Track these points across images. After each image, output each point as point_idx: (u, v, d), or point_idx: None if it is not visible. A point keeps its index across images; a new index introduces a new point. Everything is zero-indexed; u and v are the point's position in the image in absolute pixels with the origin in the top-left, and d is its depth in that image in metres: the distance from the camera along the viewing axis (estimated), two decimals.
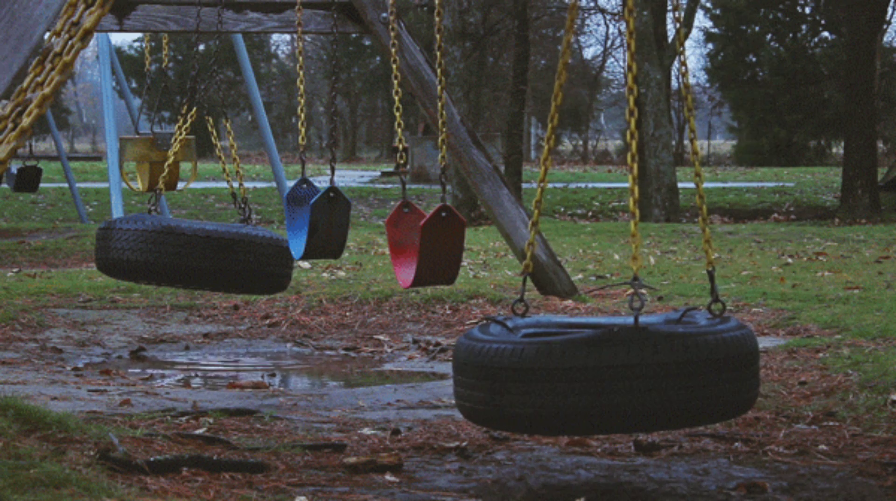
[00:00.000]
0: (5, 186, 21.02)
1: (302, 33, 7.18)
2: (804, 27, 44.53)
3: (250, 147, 53.05)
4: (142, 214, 6.35)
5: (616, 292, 9.17)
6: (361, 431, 5.19)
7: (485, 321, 4.33)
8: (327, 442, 4.85)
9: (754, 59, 45.37)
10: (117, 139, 11.04)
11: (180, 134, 7.32)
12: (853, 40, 22.86)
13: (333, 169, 6.63)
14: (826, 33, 44.70)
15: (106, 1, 4.02)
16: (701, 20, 46.98)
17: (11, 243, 14.71)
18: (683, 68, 4.43)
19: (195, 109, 7.35)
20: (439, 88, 6.47)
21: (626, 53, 4.16)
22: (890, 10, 36.79)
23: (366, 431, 5.18)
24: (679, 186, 22.34)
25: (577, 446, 4.86)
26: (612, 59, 50.07)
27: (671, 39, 24.08)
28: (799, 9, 44.95)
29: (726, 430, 5.07)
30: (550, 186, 29.82)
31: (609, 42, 48.21)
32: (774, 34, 44.78)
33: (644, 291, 4.01)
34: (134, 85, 41.49)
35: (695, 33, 46.06)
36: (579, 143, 53.15)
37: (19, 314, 8.36)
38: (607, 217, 23.17)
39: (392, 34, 6.89)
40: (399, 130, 6.84)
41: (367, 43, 47.05)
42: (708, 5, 45.20)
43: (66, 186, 22.26)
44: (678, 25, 4.62)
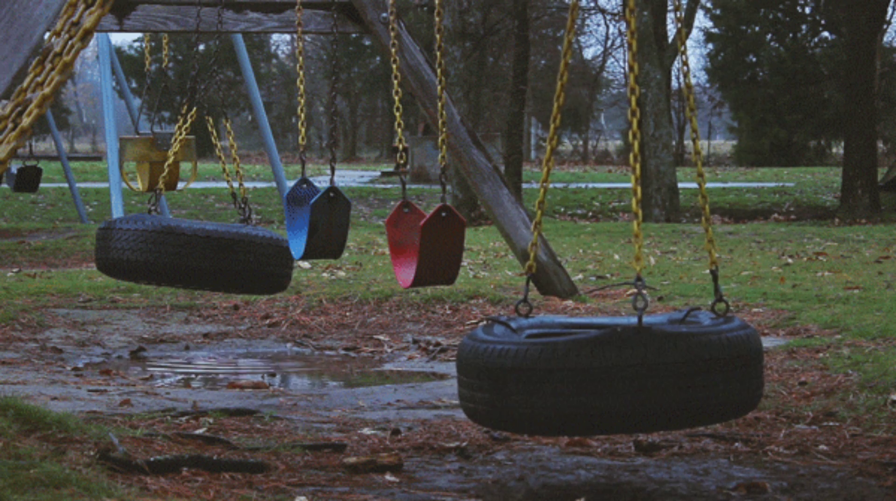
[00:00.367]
0: (5, 186, 21.02)
1: (302, 33, 7.18)
2: (804, 27, 44.53)
3: (250, 147, 53.06)
4: (142, 214, 6.35)
5: (616, 293, 9.18)
6: (361, 431, 5.19)
7: (488, 322, 4.32)
8: (327, 442, 4.85)
9: (754, 60, 45.37)
10: (117, 139, 11.04)
11: (180, 134, 7.32)
12: (853, 40, 22.87)
13: (333, 169, 6.63)
14: (826, 33, 44.71)
15: (106, 1, 4.02)
16: (701, 20, 47.03)
17: (11, 243, 14.71)
18: (685, 68, 4.43)
19: (195, 109, 7.35)
20: (439, 88, 6.47)
21: (628, 54, 4.15)
22: (890, 10, 36.80)
23: (366, 431, 5.18)
24: (679, 186, 22.34)
25: (577, 446, 4.86)
26: (612, 60, 50.11)
27: (671, 39, 24.07)
28: (799, 9, 44.94)
29: (726, 430, 5.07)
30: (550, 186, 29.77)
31: (609, 42, 48.24)
32: (774, 34, 44.78)
33: (646, 291, 4.00)
34: (134, 85, 41.49)
35: (695, 33, 46.06)
36: (579, 143, 53.14)
37: (19, 313, 8.36)
38: (607, 217, 23.17)
39: (392, 34, 6.89)
40: (399, 130, 6.84)
41: (367, 43, 47.05)
42: (708, 5, 45.20)
43: (66, 186, 22.26)
44: (679, 25, 4.62)
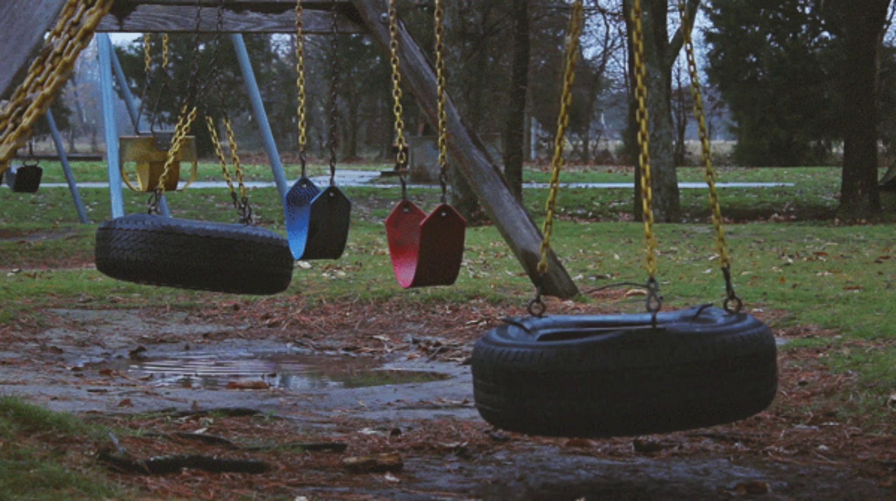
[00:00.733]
0: (5, 186, 21.02)
1: (302, 33, 7.18)
2: (804, 27, 44.53)
3: (250, 147, 53.05)
4: (142, 214, 6.35)
5: (616, 293, 9.17)
6: (361, 431, 5.19)
7: (503, 323, 4.33)
8: (327, 442, 4.85)
9: (754, 60, 45.37)
10: (117, 139, 11.04)
11: (180, 134, 7.31)
12: (853, 40, 22.86)
13: (333, 169, 6.63)
14: (826, 33, 44.70)
15: (106, 1, 4.02)
16: (701, 20, 47.04)
17: (11, 243, 14.71)
18: (692, 67, 4.43)
19: (195, 109, 7.35)
20: (439, 88, 6.47)
21: (635, 55, 4.15)
22: (890, 10, 36.78)
23: (366, 431, 5.18)
24: (679, 186, 22.34)
25: (577, 446, 4.86)
26: (613, 60, 50.11)
27: (671, 39, 24.07)
28: (799, 9, 44.94)
29: (726, 430, 5.07)
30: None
31: (609, 42, 48.25)
32: (774, 34, 44.77)
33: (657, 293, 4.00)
34: (134, 85, 41.48)
35: (695, 33, 46.03)
36: (579, 143, 53.14)
37: (19, 313, 8.35)
38: (607, 217, 23.17)
39: (392, 34, 6.89)
40: (399, 130, 6.83)
41: (367, 43, 47.04)
42: (708, 5, 45.20)
43: (66, 186, 22.26)
44: (684, 25, 4.62)
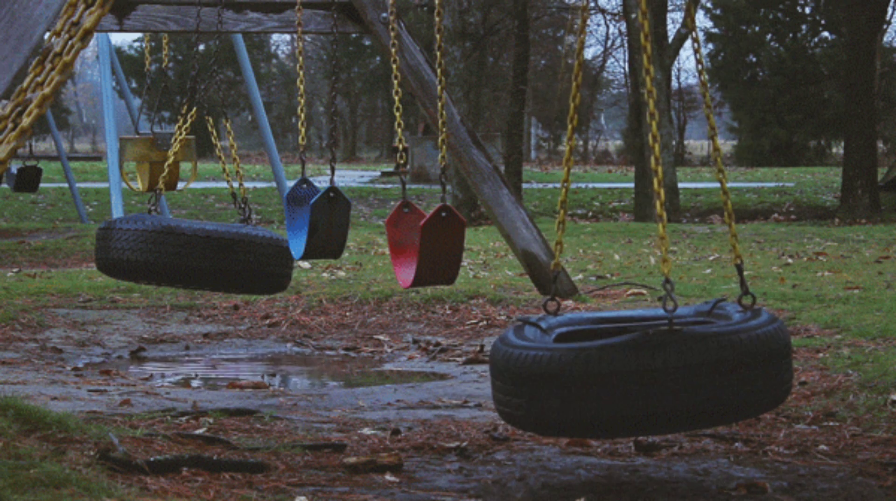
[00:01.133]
0: (5, 186, 21.03)
1: (302, 33, 7.18)
2: (804, 27, 44.54)
3: (250, 147, 53.05)
4: (142, 214, 6.34)
5: (616, 293, 9.17)
6: (361, 431, 5.18)
7: (518, 323, 4.34)
8: (327, 442, 4.85)
9: (754, 60, 45.39)
10: (117, 139, 11.04)
11: (180, 134, 7.32)
12: (853, 40, 22.87)
13: (333, 169, 6.63)
14: (826, 33, 44.72)
15: (106, 1, 4.02)
16: (701, 20, 46.99)
17: (11, 243, 14.71)
18: (699, 66, 4.43)
19: (195, 109, 7.35)
20: (439, 88, 6.47)
21: (643, 57, 4.16)
22: (890, 10, 36.80)
23: (366, 431, 5.18)
24: (679, 186, 22.34)
25: (578, 446, 4.86)
26: (612, 60, 50.12)
27: (671, 39, 24.08)
28: (799, 9, 44.95)
29: (726, 430, 5.07)
30: (550, 186, 29.81)
31: (609, 42, 48.26)
32: (774, 34, 44.78)
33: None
34: (134, 85, 41.50)
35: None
36: (579, 143, 53.14)
37: (19, 313, 8.35)
38: (607, 217, 23.18)
39: (392, 34, 6.89)
40: (399, 130, 6.83)
41: (367, 43, 47.05)
42: (708, 5, 45.22)
43: (66, 186, 22.26)
44: (691, 24, 4.62)
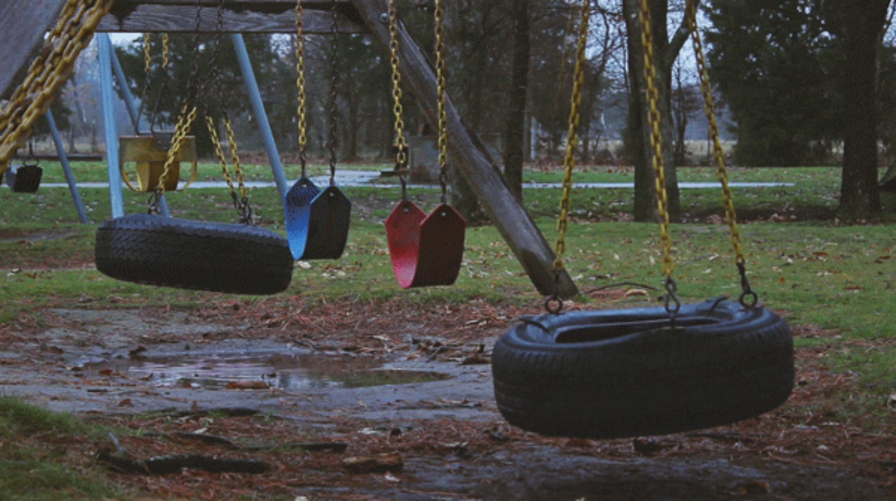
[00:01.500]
0: (5, 186, 21.02)
1: (302, 33, 7.18)
2: (804, 27, 44.53)
3: (250, 147, 53.04)
4: (142, 214, 6.34)
5: (616, 293, 9.17)
6: (361, 431, 5.18)
7: (520, 322, 4.34)
8: (327, 442, 4.85)
9: (754, 59, 45.37)
10: (117, 139, 11.04)
11: (180, 134, 7.32)
12: (853, 40, 22.86)
13: (333, 169, 6.63)
14: (826, 33, 44.70)
15: (106, 1, 4.02)
16: (701, 20, 46.96)
17: (11, 243, 14.71)
18: (701, 66, 4.44)
19: (195, 109, 7.35)
20: (439, 88, 6.47)
21: (645, 57, 4.17)
22: (890, 10, 36.79)
23: (366, 431, 5.18)
24: (679, 186, 22.34)
25: (578, 446, 4.86)
26: (612, 60, 50.10)
27: (671, 39, 24.07)
28: (799, 9, 44.94)
29: (726, 430, 5.07)
30: (550, 186, 29.81)
31: (609, 42, 48.25)
32: (774, 34, 44.77)
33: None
34: (134, 85, 41.48)
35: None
36: (579, 143, 53.13)
37: (19, 313, 8.35)
38: (607, 217, 23.18)
39: (392, 34, 6.89)
40: (399, 130, 6.83)
41: (367, 43, 47.04)
42: (708, 5, 45.20)
43: (66, 186, 22.26)
44: (692, 24, 4.63)
